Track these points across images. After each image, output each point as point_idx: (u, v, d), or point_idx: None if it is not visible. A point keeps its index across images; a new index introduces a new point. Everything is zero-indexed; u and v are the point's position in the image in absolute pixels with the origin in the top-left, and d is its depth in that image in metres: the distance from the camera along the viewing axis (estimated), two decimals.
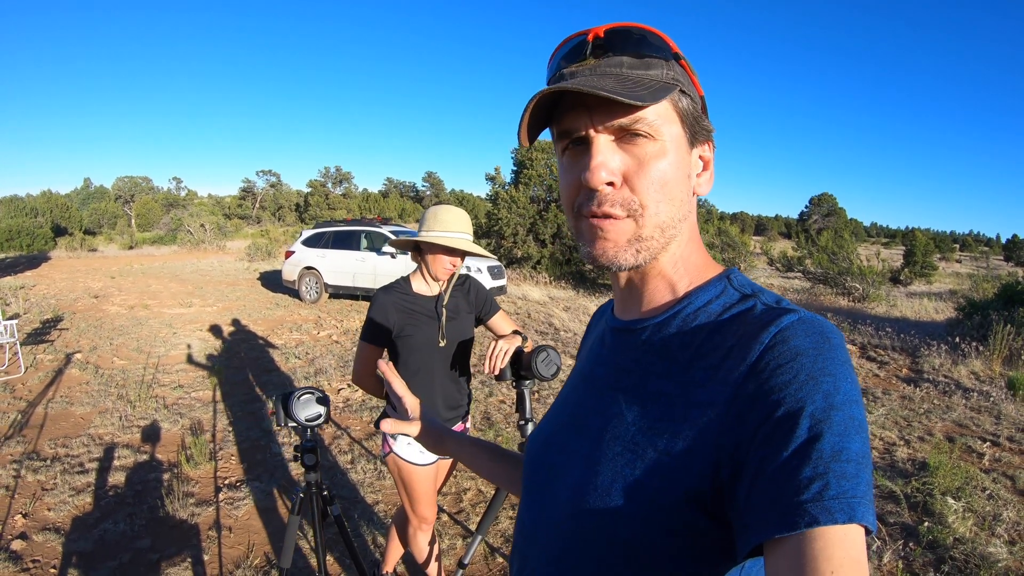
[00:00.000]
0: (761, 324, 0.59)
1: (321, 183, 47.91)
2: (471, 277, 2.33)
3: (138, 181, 47.91)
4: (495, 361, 1.93)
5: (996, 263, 45.11)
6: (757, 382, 0.55)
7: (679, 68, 0.66)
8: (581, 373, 0.79)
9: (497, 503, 2.10)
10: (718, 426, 0.56)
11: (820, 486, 0.48)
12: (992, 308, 7.90)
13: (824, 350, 0.55)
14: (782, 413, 0.52)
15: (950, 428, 5.01)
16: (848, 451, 0.49)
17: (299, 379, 6.05)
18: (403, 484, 2.17)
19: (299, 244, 11.54)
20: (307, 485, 1.98)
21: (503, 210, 15.70)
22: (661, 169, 0.63)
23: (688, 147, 0.67)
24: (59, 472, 3.82)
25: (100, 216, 40.67)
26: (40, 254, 23.18)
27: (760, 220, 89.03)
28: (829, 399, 0.52)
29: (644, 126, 0.62)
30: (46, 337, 7.86)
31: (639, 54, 0.64)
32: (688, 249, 0.70)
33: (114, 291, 12.44)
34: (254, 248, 20.30)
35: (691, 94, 0.66)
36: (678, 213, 0.66)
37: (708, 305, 0.66)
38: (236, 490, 3.68)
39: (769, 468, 0.50)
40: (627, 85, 0.61)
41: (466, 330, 2.21)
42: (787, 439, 0.51)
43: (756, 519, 0.50)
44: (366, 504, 3.54)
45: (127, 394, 5.46)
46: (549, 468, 0.74)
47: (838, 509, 0.47)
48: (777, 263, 17.87)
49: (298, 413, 1.88)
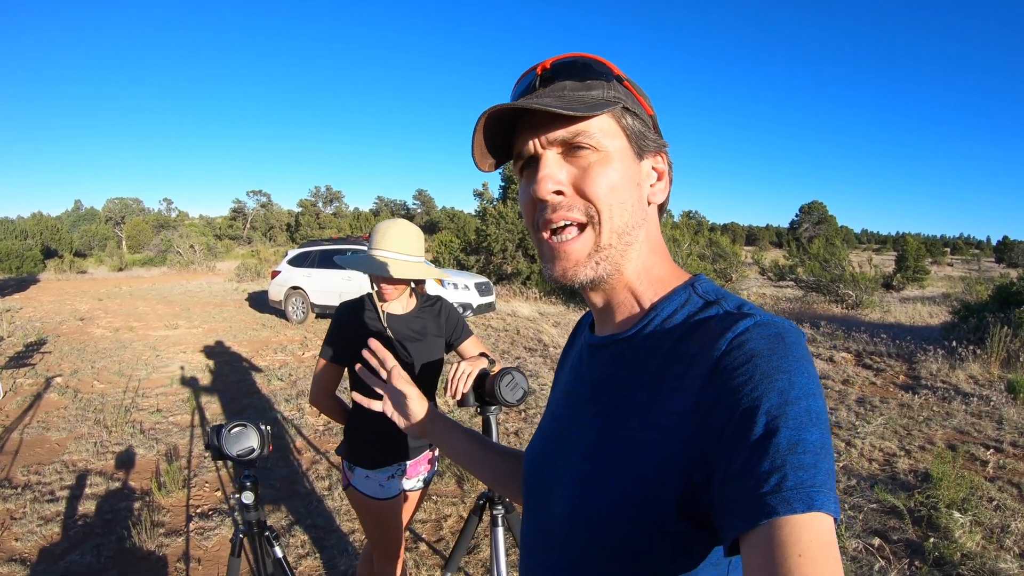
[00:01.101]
0: (720, 330, 0.61)
1: (312, 202, 47.87)
2: (443, 299, 2.18)
3: (129, 203, 47.83)
4: (456, 385, 1.73)
5: (988, 265, 45.30)
6: (717, 386, 0.58)
7: (623, 89, 0.70)
8: (565, 388, 0.81)
9: (468, 533, 1.94)
10: (687, 432, 0.59)
11: (778, 479, 0.50)
12: (988, 310, 7.80)
13: (778, 349, 0.57)
14: (740, 413, 0.54)
15: (951, 436, 4.88)
16: (805, 443, 0.51)
17: (279, 402, 5.87)
18: (363, 518, 2.03)
19: (285, 264, 11.38)
20: (248, 525, 1.77)
21: (491, 226, 15.58)
22: (607, 174, 0.67)
23: (635, 158, 0.70)
24: (29, 500, 3.71)
25: (90, 238, 40.37)
26: (29, 276, 22.93)
27: (751, 230, 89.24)
28: (784, 395, 0.54)
29: (586, 139, 0.67)
30: (28, 360, 7.72)
31: (581, 78, 0.69)
32: (651, 260, 0.73)
33: (100, 313, 12.26)
34: (243, 268, 20.10)
35: (637, 112, 0.70)
36: (632, 219, 0.69)
37: (674, 315, 0.68)
38: (208, 519, 3.51)
39: (734, 468, 0.53)
40: (566, 101, 0.66)
41: (433, 353, 2.06)
42: (746, 437, 0.53)
43: (727, 517, 0.52)
44: (341, 533, 3.37)
45: (104, 419, 5.29)
46: (544, 483, 0.77)
47: (796, 499, 0.48)
48: (769, 272, 17.76)
49: (229, 448, 1.70)
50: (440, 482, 4.00)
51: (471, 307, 10.50)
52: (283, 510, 3.61)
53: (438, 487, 3.94)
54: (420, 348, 2.01)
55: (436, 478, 4.03)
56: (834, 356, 7.70)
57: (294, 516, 3.54)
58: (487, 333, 9.70)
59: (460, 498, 3.79)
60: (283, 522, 3.46)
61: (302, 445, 4.73)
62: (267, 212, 50.86)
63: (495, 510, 1.86)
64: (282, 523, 3.45)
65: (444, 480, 4.03)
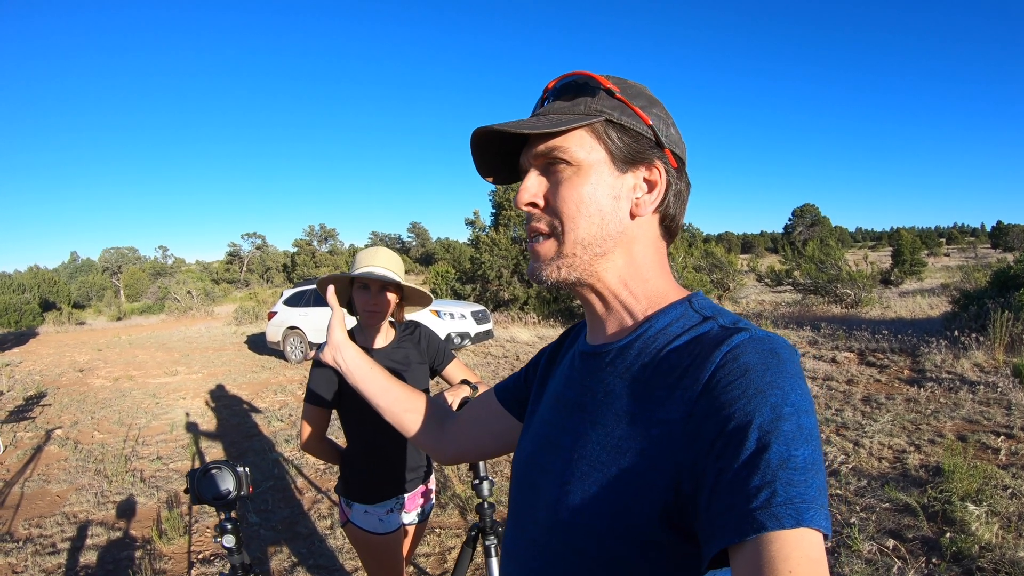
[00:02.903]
0: (714, 344, 0.62)
1: (307, 242, 48.04)
2: (421, 325, 2.15)
3: (124, 252, 48.05)
4: None
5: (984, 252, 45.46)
6: (710, 399, 0.58)
7: (614, 101, 0.71)
8: (555, 394, 0.82)
9: (463, 566, 1.89)
10: (677, 443, 0.59)
11: (768, 494, 0.50)
12: (987, 296, 7.77)
13: (772, 365, 0.58)
14: (733, 426, 0.55)
15: (961, 426, 4.81)
16: (796, 459, 0.51)
17: (280, 443, 5.80)
18: (363, 554, 1.98)
19: (281, 304, 11.31)
20: (232, 569, 1.71)
21: (485, 253, 15.50)
22: (577, 190, 0.69)
23: (615, 171, 0.71)
24: (30, 554, 3.66)
25: (88, 289, 40.43)
26: (28, 330, 22.86)
27: (746, 238, 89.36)
28: (777, 411, 0.54)
29: (560, 153, 0.70)
30: (28, 414, 7.68)
31: (570, 97, 0.72)
32: (640, 272, 0.74)
33: (100, 363, 12.20)
34: (241, 311, 20.01)
35: (627, 124, 0.70)
36: (600, 232, 0.70)
37: (668, 327, 0.69)
38: (209, 565, 3.43)
39: (724, 480, 0.53)
40: (547, 120, 0.70)
41: (419, 381, 2.03)
42: (738, 451, 0.53)
43: (714, 529, 0.52)
44: (344, 572, 3.29)
45: (104, 469, 5.23)
46: (530, 487, 0.77)
47: (785, 515, 0.49)
48: (766, 278, 17.76)
49: (204, 492, 1.64)
50: (443, 514, 3.93)
51: (469, 336, 10.38)
52: (285, 551, 3.53)
53: (440, 519, 3.87)
54: (405, 378, 1.98)
55: (439, 510, 3.96)
56: (836, 356, 7.64)
57: (296, 557, 3.46)
58: (486, 360, 9.63)
59: (463, 529, 3.71)
60: (285, 564, 3.39)
61: (303, 485, 4.66)
62: (263, 254, 50.93)
63: (488, 541, 1.82)
64: (284, 565, 3.38)
65: (447, 512, 3.95)
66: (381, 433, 1.92)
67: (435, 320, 10.01)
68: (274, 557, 3.48)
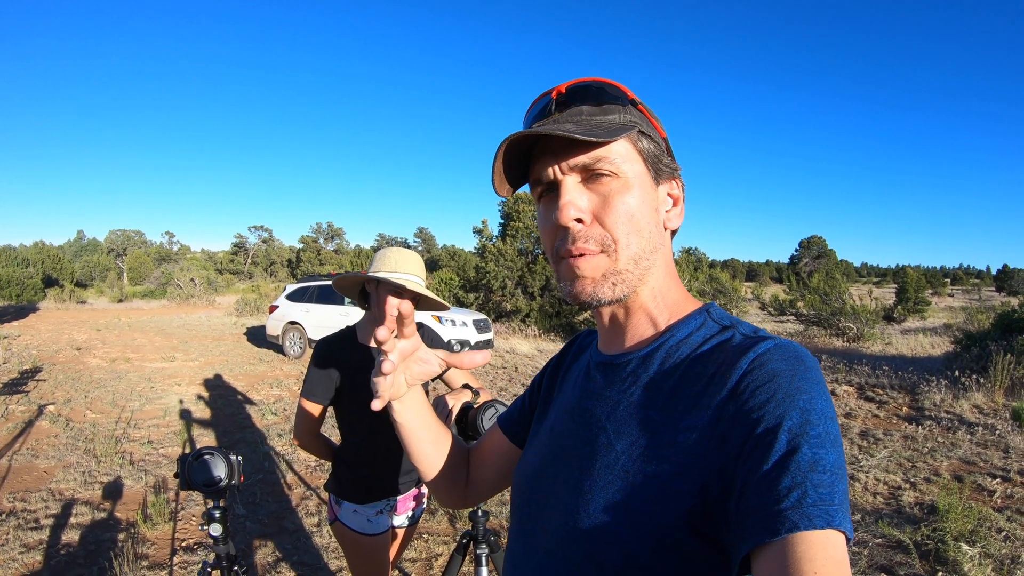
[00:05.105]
0: (740, 351, 0.63)
1: (313, 239, 48.06)
2: (425, 326, 2.12)
3: (131, 235, 48.16)
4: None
5: (988, 294, 45.24)
6: (738, 403, 0.58)
7: (637, 112, 0.71)
8: (566, 406, 0.80)
9: (452, 573, 1.86)
10: (704, 448, 0.59)
11: (799, 494, 0.50)
12: (990, 339, 7.75)
13: (799, 371, 0.59)
14: (762, 429, 0.55)
15: (957, 466, 4.78)
16: (824, 462, 0.52)
17: (272, 436, 5.77)
18: (349, 554, 1.95)
19: (283, 299, 11.36)
20: (216, 559, 1.67)
21: (491, 263, 15.51)
22: (627, 203, 0.68)
23: (653, 184, 0.71)
24: (13, 527, 3.65)
25: (92, 268, 40.51)
26: (29, 304, 22.95)
27: (751, 266, 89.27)
28: (805, 415, 0.55)
29: (606, 165, 0.67)
30: (22, 388, 7.69)
31: (598, 102, 0.70)
32: (666, 283, 0.74)
33: (98, 344, 12.23)
34: (243, 303, 20.03)
35: (652, 135, 0.71)
36: (649, 245, 0.70)
37: (690, 337, 0.69)
38: (192, 553, 3.40)
39: (754, 481, 0.53)
40: (585, 127, 0.67)
41: None
42: (768, 452, 0.53)
43: (744, 529, 0.52)
44: (328, 571, 3.26)
45: (94, 449, 5.21)
46: (539, 499, 0.75)
47: (817, 515, 0.49)
48: (769, 307, 17.71)
49: (195, 477, 1.60)
50: (431, 520, 3.89)
51: (469, 344, 10.44)
52: (270, 546, 3.50)
53: (429, 525, 3.84)
54: None
55: (427, 516, 3.93)
56: (836, 389, 7.61)
57: (281, 552, 3.43)
58: (485, 370, 9.61)
59: (452, 537, 3.68)
60: (270, 558, 3.36)
61: (293, 480, 4.63)
62: (268, 247, 50.99)
63: (479, 549, 1.80)
64: (268, 559, 3.35)
65: (436, 518, 3.92)
66: (377, 433, 1.90)
67: (436, 326, 10.05)
68: (259, 551, 3.45)
